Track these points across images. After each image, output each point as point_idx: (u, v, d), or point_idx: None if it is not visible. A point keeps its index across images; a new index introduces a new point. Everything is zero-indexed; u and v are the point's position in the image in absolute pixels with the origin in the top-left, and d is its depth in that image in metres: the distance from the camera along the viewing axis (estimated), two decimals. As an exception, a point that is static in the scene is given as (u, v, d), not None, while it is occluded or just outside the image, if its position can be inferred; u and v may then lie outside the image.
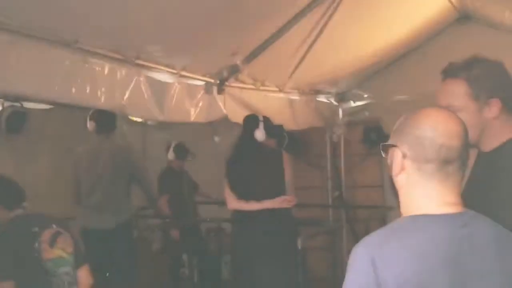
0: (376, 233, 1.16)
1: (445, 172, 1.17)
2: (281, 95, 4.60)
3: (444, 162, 1.16)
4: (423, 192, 1.18)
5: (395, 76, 5.41)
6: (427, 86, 5.30)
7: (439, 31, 4.96)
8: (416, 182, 1.19)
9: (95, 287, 4.02)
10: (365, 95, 5.69)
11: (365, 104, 5.70)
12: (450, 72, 1.56)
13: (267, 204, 3.39)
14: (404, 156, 1.20)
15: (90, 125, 3.80)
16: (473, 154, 1.53)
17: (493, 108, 1.51)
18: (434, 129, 1.17)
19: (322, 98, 5.48)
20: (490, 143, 1.56)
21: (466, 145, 1.18)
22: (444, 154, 1.16)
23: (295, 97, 4.85)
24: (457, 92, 1.51)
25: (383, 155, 1.28)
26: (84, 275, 2.63)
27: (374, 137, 5.39)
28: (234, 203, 3.45)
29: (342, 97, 5.71)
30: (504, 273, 1.16)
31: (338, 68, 4.87)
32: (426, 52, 5.16)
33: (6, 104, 3.93)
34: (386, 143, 1.25)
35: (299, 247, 3.14)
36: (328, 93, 5.46)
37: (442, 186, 1.17)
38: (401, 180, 1.22)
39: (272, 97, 4.48)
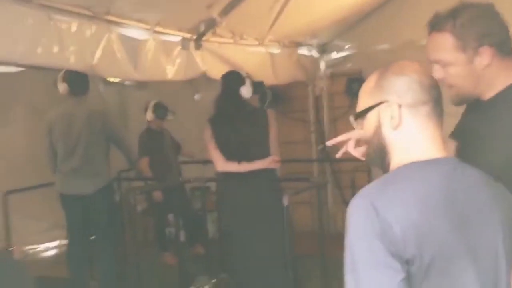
0: (372, 184, 1.13)
1: (436, 112, 1.18)
2: (261, 48, 4.45)
3: (436, 102, 1.18)
4: (416, 138, 1.17)
5: (376, 25, 5.28)
6: (409, 34, 5.29)
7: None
8: (414, 129, 1.17)
9: (78, 253, 4.01)
10: (347, 46, 5.57)
11: (347, 55, 5.59)
12: (435, 25, 1.47)
13: (258, 164, 3.33)
14: (399, 106, 1.17)
15: (61, 87, 3.61)
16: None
17: (484, 57, 1.43)
18: (417, 73, 1.18)
19: (303, 51, 5.34)
20: (487, 92, 1.48)
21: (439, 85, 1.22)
22: (434, 93, 1.18)
23: (276, 50, 4.71)
24: (444, 46, 1.44)
25: (354, 124, 1.26)
26: None
27: (357, 88, 5.24)
28: (224, 165, 3.34)
29: (323, 49, 5.58)
30: (499, 222, 1.16)
31: (319, 19, 4.72)
32: (402, 2, 5.04)
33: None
34: (365, 107, 1.20)
35: (285, 204, 3.09)
36: (309, 45, 5.32)
37: (437, 128, 1.18)
38: (396, 135, 1.18)
39: (252, 51, 4.33)
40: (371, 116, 1.21)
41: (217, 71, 3.82)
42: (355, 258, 1.05)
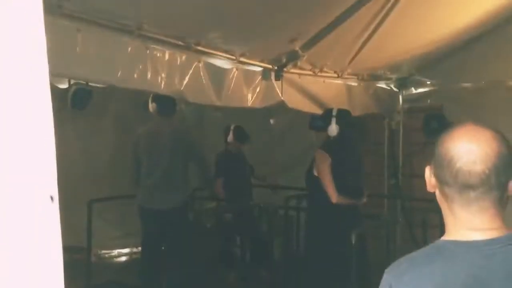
0: (404, 258, 1.13)
1: (466, 197, 1.08)
2: (340, 81, 4.52)
3: (464, 187, 1.07)
4: (449, 213, 1.13)
5: (459, 63, 5.17)
6: (493, 74, 5.13)
7: (509, 18, 4.68)
8: (442, 201, 1.14)
9: (149, 263, 4.21)
10: (428, 82, 5.49)
11: (427, 91, 5.51)
12: None
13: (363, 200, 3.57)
14: (432, 174, 1.14)
15: (151, 106, 3.89)
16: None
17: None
18: (454, 150, 1.08)
19: (381, 84, 5.34)
20: None
21: (496, 167, 1.06)
22: (462, 178, 1.07)
23: (353, 83, 4.76)
24: None
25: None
26: None
27: (435, 126, 5.17)
28: (338, 197, 3.42)
29: (402, 83, 5.53)
30: None
31: (400, 53, 4.71)
32: (493, 39, 4.90)
33: (73, 81, 4.10)
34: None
35: (353, 242, 3.11)
36: (388, 79, 5.30)
37: (466, 212, 1.09)
38: (438, 196, 1.16)
39: (330, 83, 4.41)
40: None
41: (295, 101, 3.94)
42: None
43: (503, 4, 4.33)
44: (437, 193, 1.16)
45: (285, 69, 3.77)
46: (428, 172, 1.16)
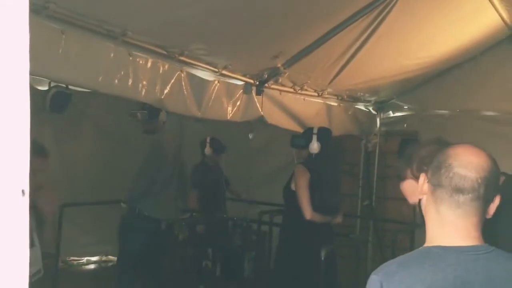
0: (392, 261, 1.23)
1: (455, 200, 1.20)
2: (319, 100, 4.58)
3: (456, 190, 1.20)
4: (435, 218, 1.23)
5: (437, 90, 5.31)
6: (470, 103, 5.26)
7: (487, 48, 4.83)
8: (430, 208, 1.25)
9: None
10: (405, 106, 5.61)
11: (404, 115, 5.62)
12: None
13: (337, 219, 3.63)
14: (427, 180, 1.27)
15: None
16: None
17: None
18: (454, 158, 1.23)
19: (360, 106, 5.43)
20: None
21: (487, 180, 1.19)
22: (456, 181, 1.20)
23: (333, 103, 4.83)
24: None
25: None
26: None
27: (409, 151, 5.27)
28: (312, 214, 3.44)
29: (381, 107, 5.64)
30: None
31: (380, 77, 4.81)
32: (472, 68, 5.05)
33: (52, 84, 4.06)
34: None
35: (322, 258, 3.14)
36: (367, 101, 5.40)
37: (453, 214, 1.21)
38: (424, 203, 1.29)
39: (310, 102, 4.47)
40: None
41: (274, 117, 3.98)
42: None
43: (479, 36, 4.48)
44: (424, 200, 1.29)
45: (266, 85, 3.81)
46: (422, 178, 1.29)
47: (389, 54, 4.24)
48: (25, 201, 0.73)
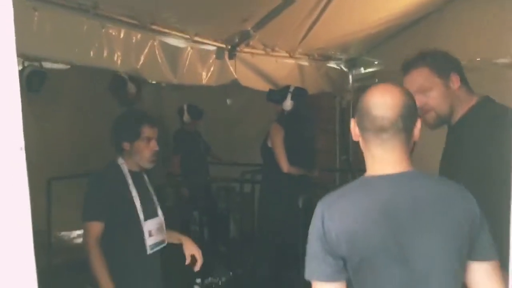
0: (333, 192, 1.41)
1: (380, 139, 1.37)
2: (291, 60, 4.70)
3: (379, 130, 1.37)
4: (369, 155, 1.42)
5: (405, 43, 5.43)
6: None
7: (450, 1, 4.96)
8: (364, 146, 1.43)
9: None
10: (375, 62, 5.76)
11: (375, 71, 5.78)
12: (410, 65, 1.87)
13: (314, 173, 3.83)
14: (356, 124, 1.44)
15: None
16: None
17: (455, 80, 1.80)
18: (371, 102, 1.38)
19: (332, 64, 5.57)
20: (456, 116, 1.79)
21: (404, 114, 1.36)
22: (377, 123, 1.36)
23: (305, 62, 4.95)
24: (424, 76, 1.81)
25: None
26: None
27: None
28: (288, 167, 3.64)
29: (352, 64, 5.79)
30: (444, 228, 1.35)
31: (349, 34, 4.92)
32: (438, 19, 5.18)
33: (26, 63, 4.09)
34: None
35: (300, 207, 3.34)
36: (338, 59, 5.54)
37: (381, 150, 1.39)
38: (360, 145, 1.46)
39: (282, 63, 4.58)
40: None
41: (248, 79, 4.10)
42: (306, 249, 1.38)
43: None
44: (360, 141, 1.44)
45: (238, 49, 3.91)
46: (353, 123, 1.45)
47: (355, 10, 4.34)
48: (23, 155, 0.88)
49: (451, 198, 1.38)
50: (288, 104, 3.72)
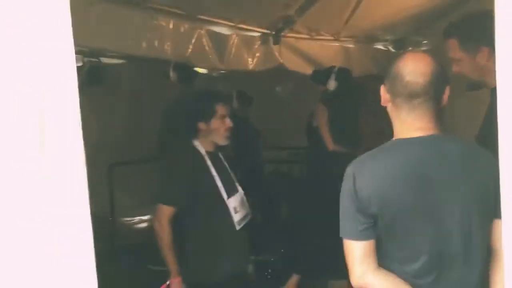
0: (363, 155, 1.51)
1: (411, 104, 1.44)
2: (336, 43, 4.75)
3: (410, 95, 1.43)
4: (398, 120, 1.49)
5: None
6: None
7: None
8: (393, 111, 1.50)
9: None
10: (424, 41, 5.67)
11: (424, 50, 5.68)
12: (444, 34, 1.90)
13: (360, 152, 3.81)
14: (385, 90, 1.52)
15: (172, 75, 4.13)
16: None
17: (484, 53, 1.81)
18: (404, 68, 1.44)
19: (379, 46, 5.54)
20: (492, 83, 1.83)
21: (433, 82, 1.42)
22: (410, 89, 1.42)
23: (350, 45, 4.98)
24: (452, 48, 1.86)
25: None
26: None
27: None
28: (334, 146, 3.76)
29: (400, 44, 5.71)
30: (468, 184, 1.42)
31: (396, 13, 4.85)
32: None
33: (86, 59, 4.40)
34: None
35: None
36: (385, 40, 5.50)
37: (411, 116, 1.45)
38: (388, 110, 1.54)
39: (327, 46, 4.64)
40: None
41: (293, 63, 4.21)
42: (340, 208, 1.48)
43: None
44: (389, 106, 1.52)
45: (282, 34, 4.02)
46: (383, 89, 1.54)
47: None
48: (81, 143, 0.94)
49: (478, 160, 1.44)
50: (332, 84, 3.81)
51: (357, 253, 1.44)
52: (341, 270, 1.57)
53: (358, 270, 1.45)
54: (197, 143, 2.57)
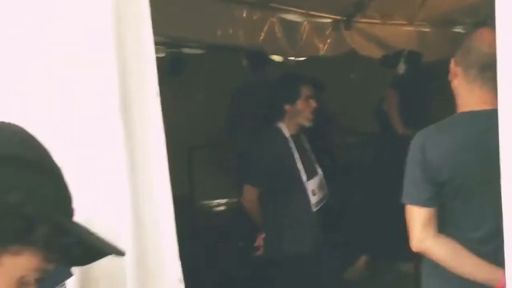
0: (432, 125, 1.55)
1: (484, 76, 1.45)
2: (410, 28, 4.68)
3: (484, 67, 1.44)
4: (466, 92, 1.51)
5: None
6: None
7: None
8: (462, 85, 1.52)
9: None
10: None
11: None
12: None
13: None
14: (456, 64, 1.52)
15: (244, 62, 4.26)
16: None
17: None
18: (482, 41, 1.47)
19: (458, 29, 5.37)
20: None
21: None
22: (483, 61, 1.44)
23: (426, 29, 4.87)
24: None
25: None
26: None
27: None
28: (403, 129, 3.74)
29: (481, 27, 5.49)
30: None
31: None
32: None
33: (168, 50, 4.69)
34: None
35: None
36: (464, 23, 5.32)
37: (482, 89, 1.47)
38: (454, 86, 1.55)
39: (401, 30, 4.59)
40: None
41: (365, 48, 4.23)
42: (405, 175, 1.52)
43: None
44: (457, 80, 1.53)
45: (354, 19, 4.06)
46: (453, 63, 1.55)
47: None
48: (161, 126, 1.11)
49: None
50: (401, 67, 3.81)
51: (420, 219, 1.50)
52: (409, 252, 1.61)
53: (420, 235, 1.51)
54: (282, 126, 2.62)
